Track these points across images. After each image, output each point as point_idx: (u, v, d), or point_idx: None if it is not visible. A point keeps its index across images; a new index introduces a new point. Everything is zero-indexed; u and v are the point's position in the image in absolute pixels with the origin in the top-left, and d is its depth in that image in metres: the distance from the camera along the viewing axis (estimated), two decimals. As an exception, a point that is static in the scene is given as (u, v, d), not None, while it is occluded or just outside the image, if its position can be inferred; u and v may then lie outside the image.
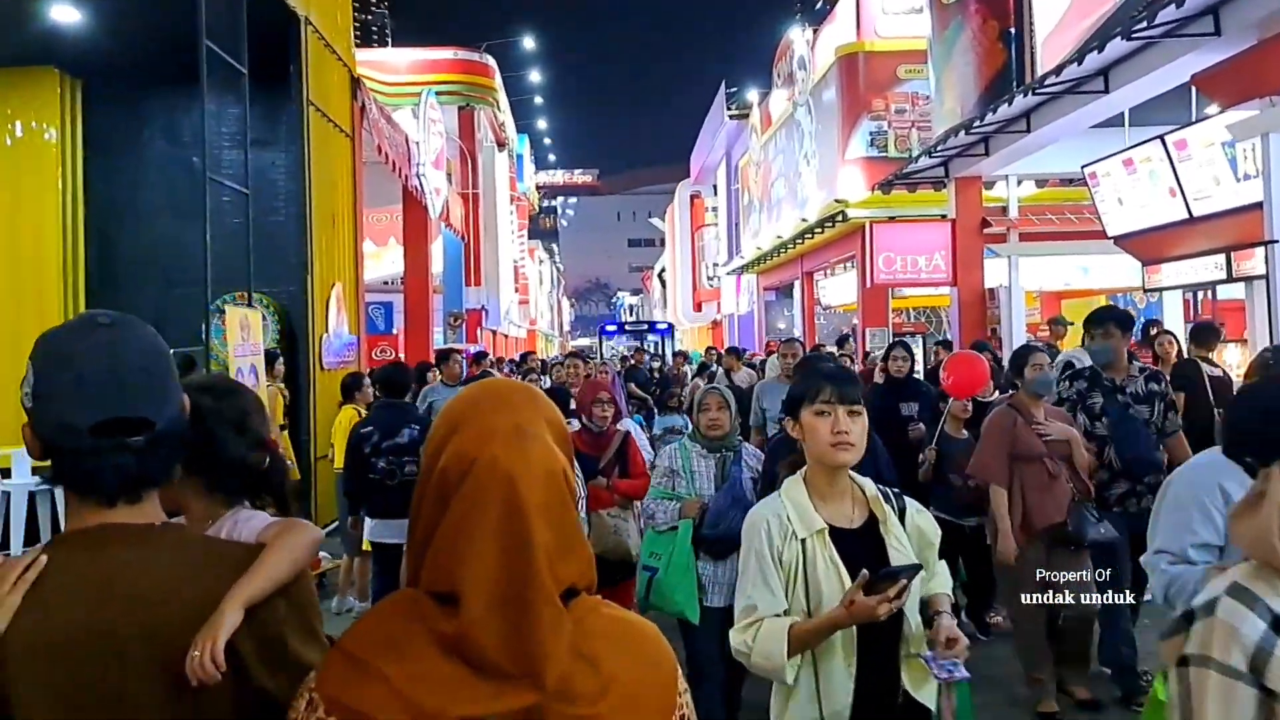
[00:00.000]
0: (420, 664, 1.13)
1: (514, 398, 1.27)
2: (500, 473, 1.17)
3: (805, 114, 18.84)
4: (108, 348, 1.27)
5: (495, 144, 28.05)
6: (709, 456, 4.18)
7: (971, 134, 10.09)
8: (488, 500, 1.16)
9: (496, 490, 1.16)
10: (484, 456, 1.18)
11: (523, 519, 1.15)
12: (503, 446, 1.18)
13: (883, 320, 16.38)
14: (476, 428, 1.21)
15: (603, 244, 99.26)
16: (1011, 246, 12.16)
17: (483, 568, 1.14)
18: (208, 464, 1.78)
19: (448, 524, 1.17)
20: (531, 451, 1.19)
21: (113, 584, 1.23)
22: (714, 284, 35.42)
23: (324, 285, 10.62)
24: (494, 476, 1.17)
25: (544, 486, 1.18)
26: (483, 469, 1.17)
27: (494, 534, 1.15)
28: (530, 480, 1.17)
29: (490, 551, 1.15)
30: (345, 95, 11.78)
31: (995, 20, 10.37)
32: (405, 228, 16.57)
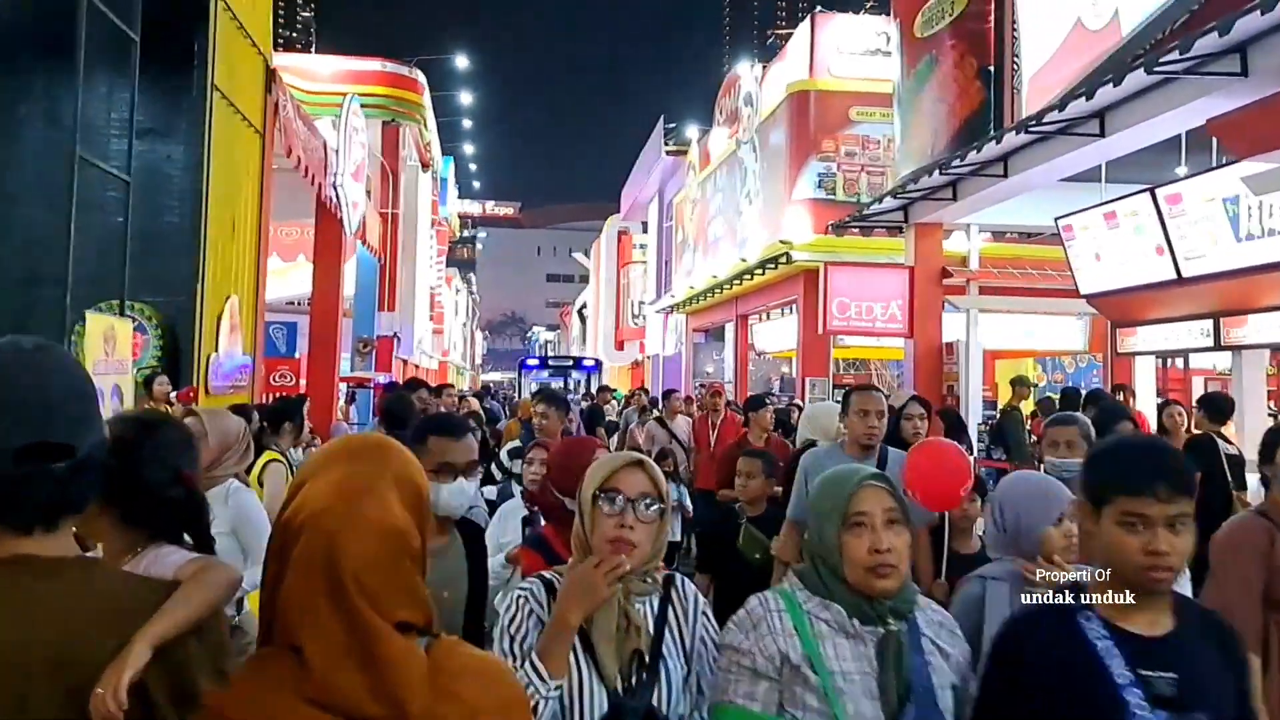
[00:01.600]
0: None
1: (365, 453, 1.33)
2: (325, 530, 1.22)
3: (750, 152, 18.14)
4: (34, 371, 1.27)
5: (419, 164, 26.81)
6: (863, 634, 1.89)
7: (946, 174, 9.35)
8: (313, 557, 1.21)
9: (320, 547, 1.21)
10: (314, 513, 1.23)
11: (343, 576, 1.20)
12: (337, 503, 1.24)
13: (824, 370, 15.62)
14: (320, 482, 1.27)
15: (520, 277, 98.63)
16: (972, 300, 11.48)
17: (316, 625, 1.19)
18: (125, 497, 1.78)
19: (286, 582, 1.22)
20: (364, 509, 1.24)
21: (21, 617, 1.22)
22: (639, 322, 34.53)
23: (217, 298, 9.31)
24: (319, 533, 1.22)
25: (371, 542, 1.22)
26: (310, 526, 1.23)
27: (321, 591, 1.20)
28: (356, 536, 1.22)
29: (320, 608, 1.20)
30: (258, 87, 10.53)
31: (974, 57, 9.72)
32: (317, 242, 15.24)
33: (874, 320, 11.47)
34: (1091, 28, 7.64)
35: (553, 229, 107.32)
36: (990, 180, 9.43)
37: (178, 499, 1.87)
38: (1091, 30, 7.64)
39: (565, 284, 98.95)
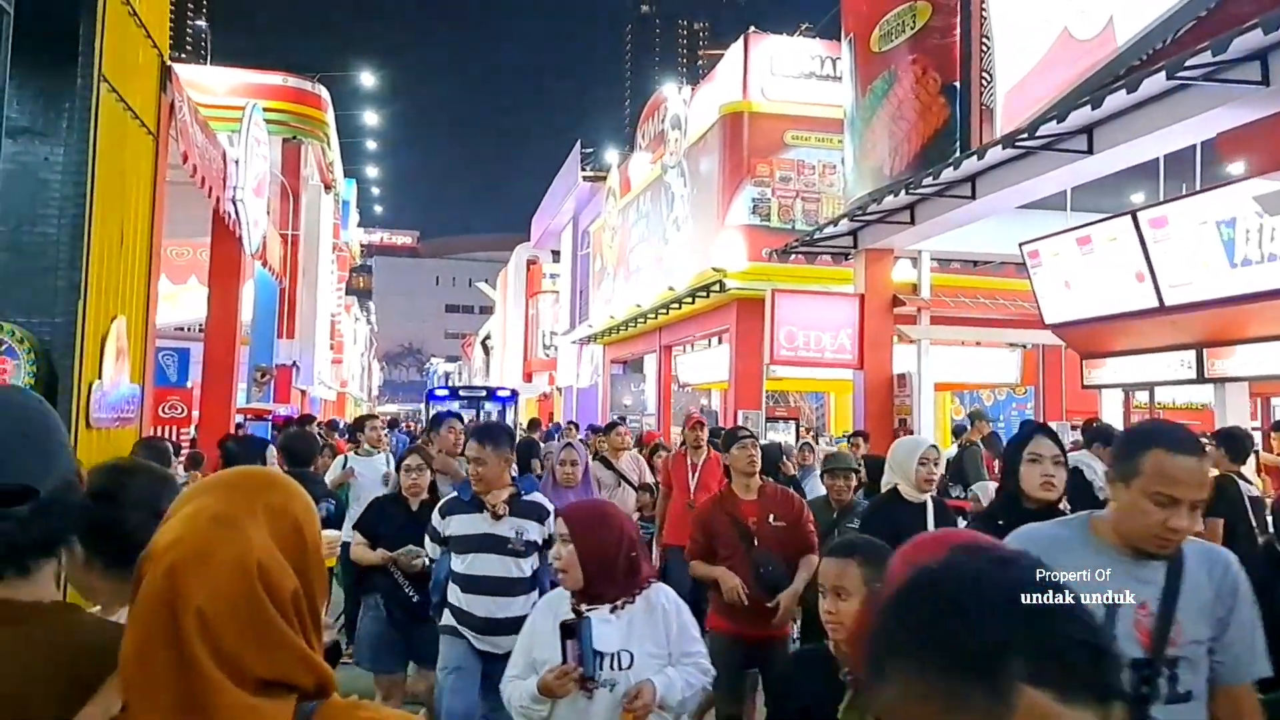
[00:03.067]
0: None
1: (237, 483, 1.22)
2: (166, 564, 1.10)
3: (677, 176, 17.51)
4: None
5: (322, 185, 25.46)
6: None
7: (913, 194, 8.81)
8: (152, 597, 1.10)
9: (159, 585, 1.09)
10: (158, 547, 1.12)
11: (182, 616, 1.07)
12: (182, 535, 1.12)
13: (757, 402, 14.98)
14: (176, 518, 1.16)
15: (418, 308, 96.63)
16: (924, 330, 10.98)
17: (146, 679, 1.08)
18: (108, 544, 1.73)
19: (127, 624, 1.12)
20: (211, 542, 1.11)
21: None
22: (550, 353, 33.58)
23: (101, 319, 8.07)
24: (160, 567, 1.10)
25: (221, 577, 1.09)
26: (154, 558, 1.12)
27: (157, 638, 1.08)
28: (200, 570, 1.09)
29: (153, 657, 1.07)
30: (152, 84, 9.34)
31: (936, 73, 9.25)
32: (213, 261, 13.93)
33: (823, 350, 10.87)
34: (1080, 37, 7.19)
35: (452, 259, 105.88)
36: (956, 202, 8.94)
37: None
38: (1080, 39, 7.19)
39: (465, 315, 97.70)
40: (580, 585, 2.70)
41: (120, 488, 1.80)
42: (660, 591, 2.80)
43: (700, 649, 2.80)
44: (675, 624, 2.75)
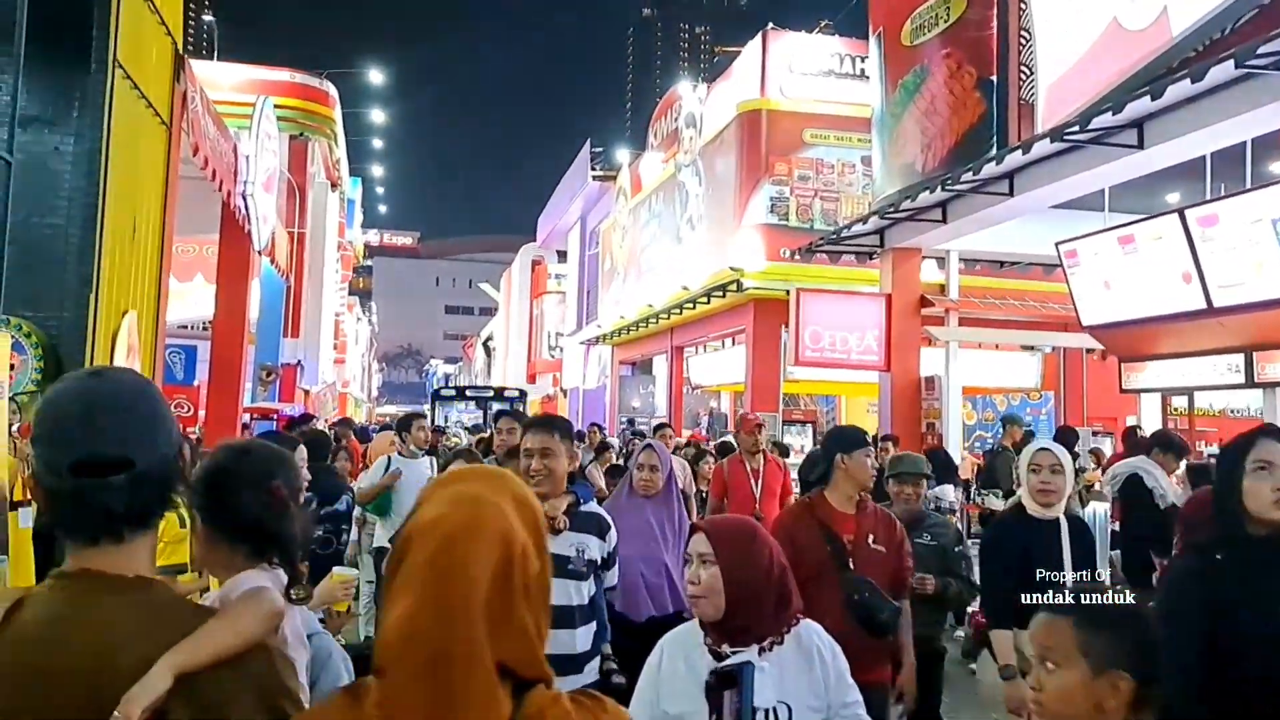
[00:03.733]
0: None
1: (482, 473, 1.30)
2: (439, 533, 1.14)
3: (692, 175, 17.26)
4: (84, 392, 1.34)
5: (328, 183, 25.20)
6: None
7: (948, 190, 8.56)
8: (422, 560, 1.13)
9: (432, 549, 1.13)
10: (428, 521, 1.17)
11: (454, 577, 1.11)
12: (450, 511, 1.17)
13: (774, 405, 14.71)
14: (435, 500, 1.21)
15: (418, 309, 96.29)
16: (952, 331, 10.72)
17: (409, 626, 1.11)
18: (223, 517, 1.84)
19: (395, 585, 1.15)
20: (481, 514, 1.17)
21: (66, 630, 1.27)
22: (556, 354, 33.31)
23: (113, 314, 7.81)
24: (432, 536, 1.14)
25: (491, 548, 1.14)
26: (423, 531, 1.16)
27: (423, 593, 1.11)
28: (473, 541, 1.14)
29: (417, 611, 1.11)
30: (165, 73, 9.08)
31: (972, 67, 9.00)
32: (222, 257, 13.66)
33: (849, 352, 10.61)
34: (1131, 27, 6.94)
35: (452, 260, 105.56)
36: (993, 199, 8.69)
37: (266, 518, 1.87)
38: (1131, 30, 6.94)
39: (465, 316, 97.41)
40: (719, 616, 2.25)
41: (237, 465, 1.88)
42: (810, 630, 2.35)
43: (857, 698, 2.36)
44: (832, 669, 2.32)
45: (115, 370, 1.48)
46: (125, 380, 1.42)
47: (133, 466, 1.31)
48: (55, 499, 1.33)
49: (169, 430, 1.40)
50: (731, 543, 2.27)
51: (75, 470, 1.29)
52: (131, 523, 1.34)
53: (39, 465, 1.33)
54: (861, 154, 14.80)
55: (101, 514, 1.31)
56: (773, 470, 6.67)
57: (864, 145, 14.78)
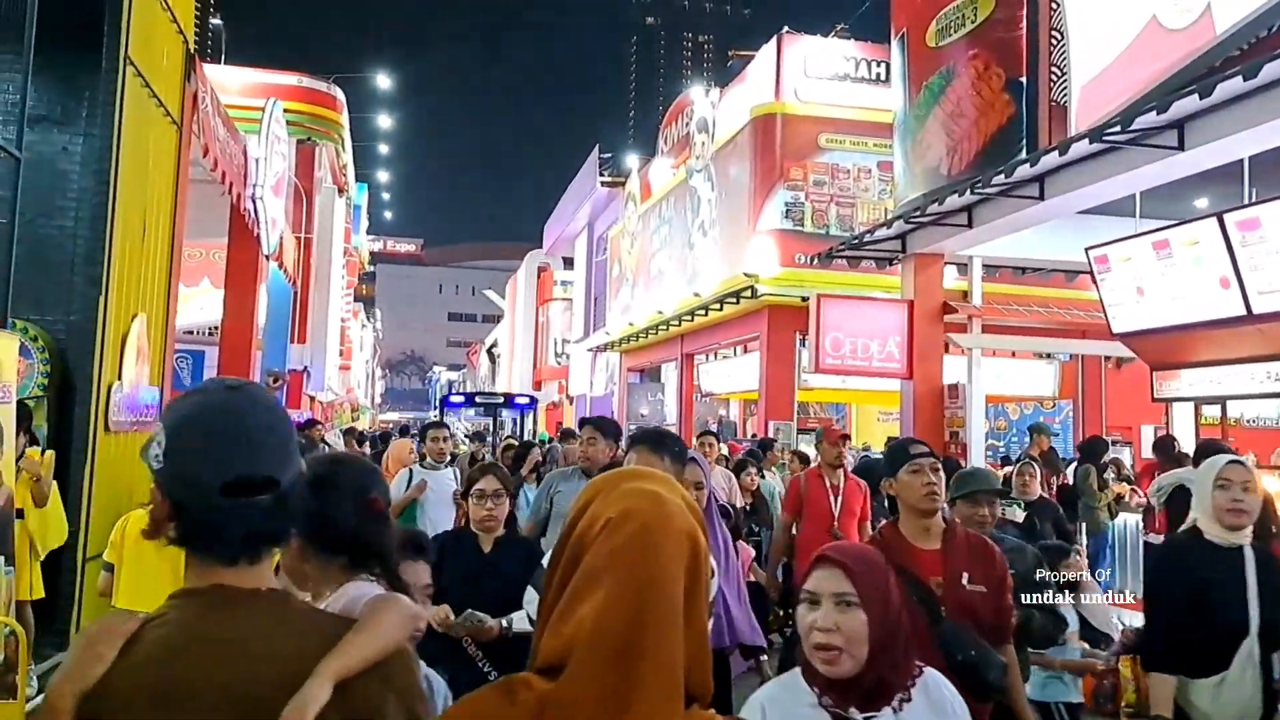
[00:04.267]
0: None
1: (650, 474, 1.26)
2: (635, 524, 1.12)
3: (704, 180, 17.08)
4: (236, 408, 1.32)
5: (335, 188, 25.04)
6: None
7: (976, 194, 8.36)
8: (616, 548, 1.10)
9: (626, 539, 1.11)
10: (622, 512, 1.14)
11: (652, 566, 1.09)
12: (643, 503, 1.15)
13: (789, 413, 14.52)
14: (615, 494, 1.19)
15: (421, 316, 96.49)
16: (975, 338, 10.52)
17: (603, 618, 1.07)
18: (321, 531, 1.80)
19: (577, 578, 1.12)
20: (668, 510, 1.15)
21: (211, 645, 1.26)
22: (562, 361, 33.11)
23: (122, 317, 7.62)
24: (625, 526, 1.12)
25: (680, 544, 1.13)
26: (619, 519, 1.13)
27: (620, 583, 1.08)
28: (667, 534, 1.12)
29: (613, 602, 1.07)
30: (177, 71, 8.90)
31: (1000, 68, 8.81)
32: (231, 262, 13.47)
33: (870, 359, 10.40)
34: (1172, 26, 6.74)
35: (455, 267, 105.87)
36: (1022, 203, 8.49)
37: (364, 529, 1.85)
38: (1172, 29, 6.75)
39: (468, 323, 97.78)
40: (855, 671, 1.84)
41: (335, 477, 1.84)
42: (935, 679, 1.99)
43: None
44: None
45: (251, 385, 1.43)
46: (265, 396, 1.41)
47: (278, 486, 1.31)
48: (194, 516, 1.31)
49: (298, 449, 1.40)
50: (872, 578, 1.86)
51: (227, 489, 1.27)
52: (270, 543, 1.36)
53: (176, 479, 1.31)
54: (878, 159, 14.63)
55: (246, 534, 1.31)
56: (852, 488, 6.20)
57: (880, 150, 14.61)
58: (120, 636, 1.26)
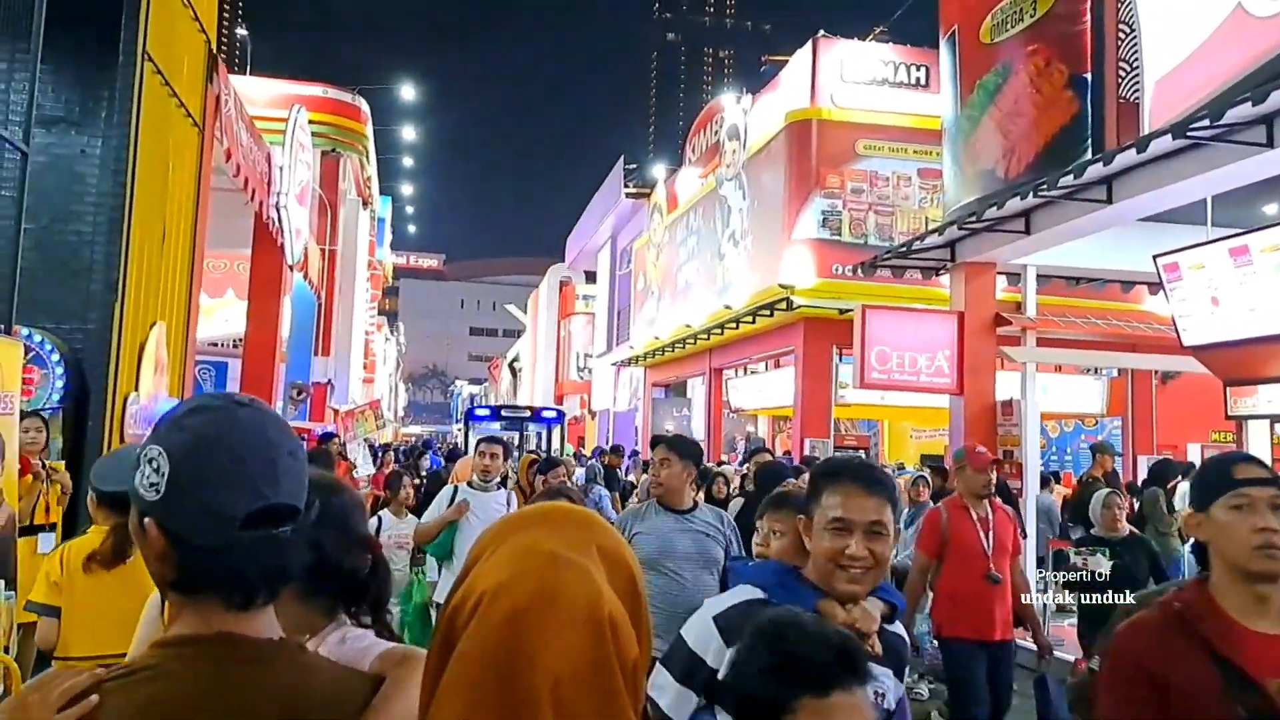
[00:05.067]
0: None
1: (558, 516, 1.04)
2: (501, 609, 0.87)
3: (735, 189, 16.65)
4: (256, 427, 1.15)
5: (359, 200, 24.80)
6: None
7: (1039, 196, 7.88)
8: (488, 651, 0.86)
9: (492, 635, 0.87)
10: (493, 588, 0.89)
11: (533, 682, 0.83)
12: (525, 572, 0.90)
13: (825, 429, 14.03)
14: (500, 553, 0.95)
15: (442, 330, 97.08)
16: (1030, 352, 10.01)
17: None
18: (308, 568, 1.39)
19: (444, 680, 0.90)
20: (559, 580, 0.89)
21: (229, 705, 1.08)
22: (584, 376, 32.72)
23: (140, 324, 7.27)
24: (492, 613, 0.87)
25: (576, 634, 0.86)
26: (491, 597, 0.88)
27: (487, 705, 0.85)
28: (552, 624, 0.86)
29: None
30: (198, 70, 8.59)
31: (1062, 63, 8.34)
32: (254, 272, 13.16)
33: (918, 373, 9.90)
34: (1260, 14, 6.27)
35: (477, 282, 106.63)
36: (1087, 207, 8.00)
37: (359, 569, 1.62)
38: (1260, 16, 6.27)
39: (489, 338, 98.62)
40: None
41: (325, 506, 1.49)
42: None
43: None
44: None
45: (261, 402, 1.23)
46: (275, 413, 1.24)
47: (297, 516, 1.17)
48: (204, 553, 1.12)
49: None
50: None
51: (249, 521, 1.11)
52: (286, 580, 1.18)
53: (178, 511, 1.11)
54: (918, 165, 14.19)
55: (266, 571, 1.15)
56: (1003, 520, 5.25)
57: (920, 157, 14.16)
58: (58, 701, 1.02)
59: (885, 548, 1.98)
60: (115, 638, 3.51)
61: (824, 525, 1.99)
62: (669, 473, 4.17)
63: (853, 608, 1.97)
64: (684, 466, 4.19)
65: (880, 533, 1.97)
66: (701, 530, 4.13)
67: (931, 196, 14.17)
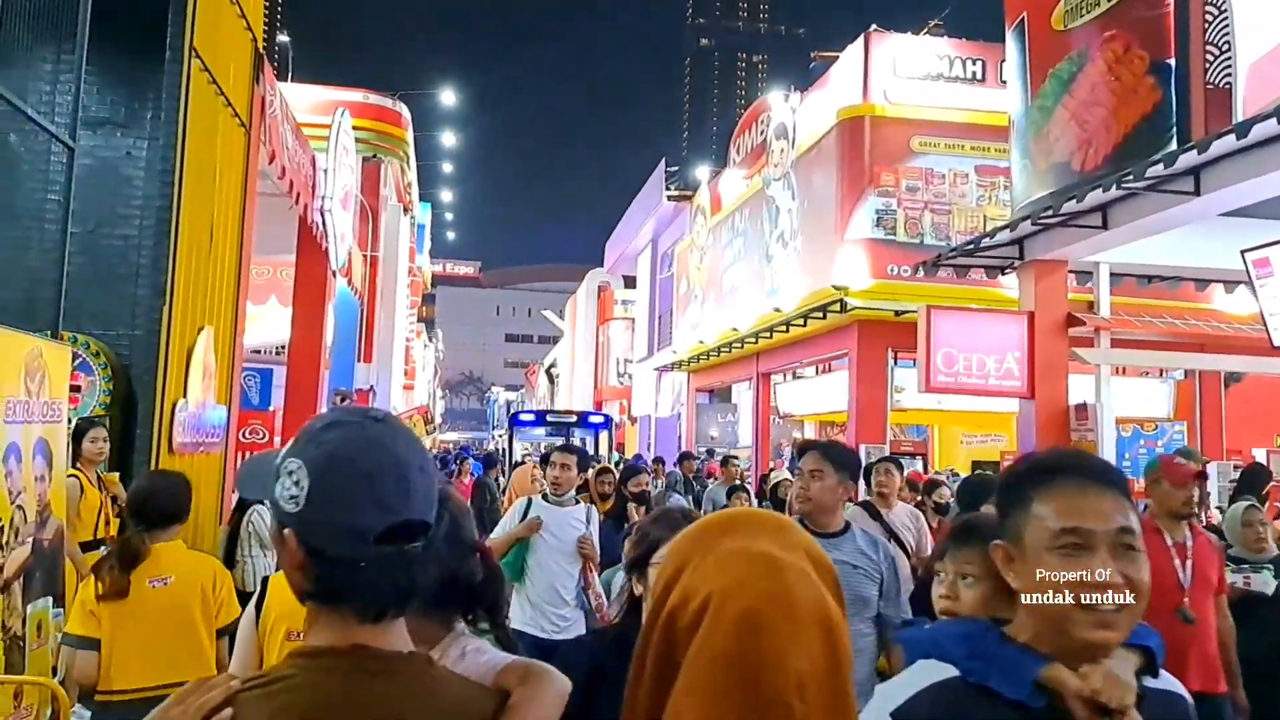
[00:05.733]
0: None
1: (752, 521, 1.00)
2: (738, 609, 0.85)
3: (783, 189, 16.28)
4: (389, 444, 1.17)
5: (400, 206, 24.71)
6: None
7: (1122, 188, 7.46)
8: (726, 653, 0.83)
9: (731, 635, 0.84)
10: (721, 588, 0.87)
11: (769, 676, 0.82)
12: (753, 576, 0.88)
13: (880, 435, 13.61)
14: (713, 559, 0.91)
15: (478, 337, 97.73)
16: (1104, 353, 9.56)
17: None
18: None
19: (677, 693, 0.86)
20: (788, 583, 0.87)
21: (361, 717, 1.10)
22: (624, 381, 32.43)
23: (187, 330, 7.06)
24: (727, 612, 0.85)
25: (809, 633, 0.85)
26: (720, 600, 0.86)
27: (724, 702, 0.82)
28: (793, 628, 0.84)
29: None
30: (245, 70, 8.39)
31: (1143, 49, 7.92)
32: (299, 277, 13.00)
33: (986, 376, 9.49)
34: (1374, -12, 5.83)
35: (513, 289, 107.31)
36: (1173, 200, 7.55)
37: (472, 576, 1.65)
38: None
39: (525, 344, 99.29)
40: None
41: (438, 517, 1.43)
42: None
43: None
44: None
45: (393, 416, 1.23)
46: (408, 429, 1.24)
47: (429, 531, 1.17)
48: (340, 567, 1.12)
49: None
50: None
51: (382, 537, 1.12)
52: (416, 595, 1.18)
53: (315, 525, 1.12)
54: (975, 162, 13.75)
55: (397, 586, 1.14)
56: (1205, 548, 4.13)
57: (977, 153, 13.73)
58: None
59: (1141, 570, 1.39)
60: (160, 668, 3.23)
61: (1046, 545, 1.40)
62: (821, 486, 3.45)
63: (1092, 671, 1.36)
64: (840, 480, 3.48)
65: (1132, 546, 1.40)
66: (849, 560, 3.36)
67: (989, 194, 13.73)
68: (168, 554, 3.32)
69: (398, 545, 1.13)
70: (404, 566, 1.15)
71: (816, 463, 3.49)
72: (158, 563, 3.28)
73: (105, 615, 3.21)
